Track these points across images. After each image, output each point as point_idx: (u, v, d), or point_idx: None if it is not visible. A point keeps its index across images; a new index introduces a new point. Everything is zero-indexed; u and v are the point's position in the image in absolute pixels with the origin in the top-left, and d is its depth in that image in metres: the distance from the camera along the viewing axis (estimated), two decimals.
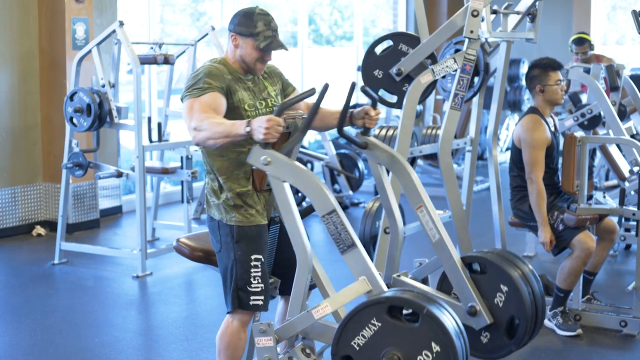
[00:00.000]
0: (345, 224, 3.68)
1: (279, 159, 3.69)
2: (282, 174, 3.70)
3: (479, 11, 5.37)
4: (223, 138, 3.67)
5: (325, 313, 3.71)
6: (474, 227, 7.50)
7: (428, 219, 4.16)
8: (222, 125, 3.67)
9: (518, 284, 4.11)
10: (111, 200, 9.28)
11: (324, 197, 3.67)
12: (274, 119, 3.58)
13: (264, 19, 3.97)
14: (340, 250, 3.71)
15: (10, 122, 8.29)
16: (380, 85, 5.77)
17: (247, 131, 3.60)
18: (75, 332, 5.70)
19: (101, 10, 8.84)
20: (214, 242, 4.05)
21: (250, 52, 3.97)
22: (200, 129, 3.70)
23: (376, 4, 14.88)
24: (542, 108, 5.72)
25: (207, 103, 3.79)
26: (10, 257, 7.74)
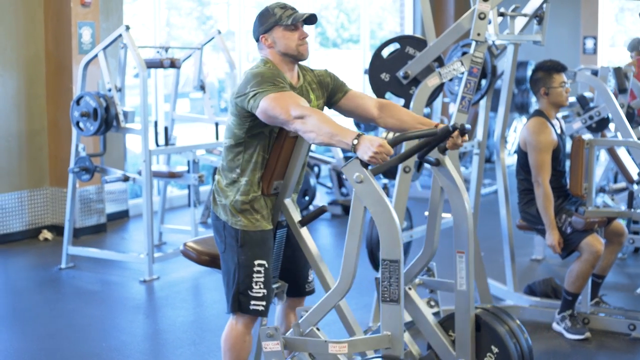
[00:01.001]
0: (400, 278, 3.60)
1: (372, 185, 3.56)
2: (367, 200, 3.59)
3: (486, 14, 5.34)
4: (326, 138, 3.53)
5: (341, 352, 3.70)
6: (482, 230, 7.48)
7: (463, 267, 4.12)
8: (331, 124, 3.53)
9: (508, 346, 4.10)
10: (118, 204, 9.27)
11: (395, 243, 3.57)
12: (386, 146, 3.43)
13: (278, 4, 3.93)
14: (382, 298, 3.65)
15: (17, 127, 8.29)
16: (387, 89, 5.75)
17: (354, 144, 3.46)
18: (82, 336, 5.70)
19: (107, 15, 8.84)
20: (217, 242, 4.03)
21: (284, 38, 3.87)
22: (306, 119, 3.56)
23: (383, 6, 14.87)
24: (548, 110, 5.70)
25: (297, 97, 3.69)
26: (17, 261, 7.73)
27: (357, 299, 6.09)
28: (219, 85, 12.57)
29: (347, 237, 3.69)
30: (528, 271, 7.18)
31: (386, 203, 3.57)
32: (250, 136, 3.88)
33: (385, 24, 14.91)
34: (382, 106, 4.13)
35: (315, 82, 4.08)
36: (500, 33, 5.84)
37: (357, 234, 3.67)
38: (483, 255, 7.23)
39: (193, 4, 12.24)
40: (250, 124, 3.84)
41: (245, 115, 3.83)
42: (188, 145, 7.79)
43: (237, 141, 3.91)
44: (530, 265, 7.43)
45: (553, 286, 6.16)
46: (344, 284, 3.73)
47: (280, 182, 4.05)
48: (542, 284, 6.21)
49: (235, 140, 3.91)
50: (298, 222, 4.13)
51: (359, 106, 4.13)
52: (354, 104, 4.14)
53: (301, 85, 4.00)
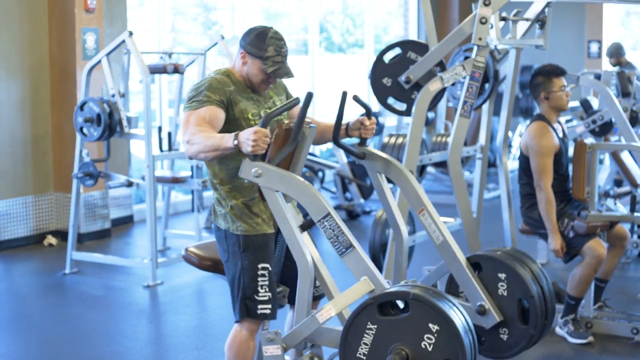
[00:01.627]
0: (342, 226, 3.68)
1: (269, 170, 3.70)
2: (274, 184, 3.70)
3: (487, 18, 5.37)
4: (213, 151, 3.70)
5: (330, 316, 3.69)
6: (486, 234, 7.48)
7: (431, 222, 4.17)
8: (212, 138, 3.69)
9: (514, 266, 4.14)
10: (122, 209, 9.28)
11: (317, 202, 3.68)
12: (261, 130, 3.59)
13: (275, 43, 3.97)
14: (339, 253, 3.73)
15: (22, 132, 8.31)
16: (389, 93, 5.78)
17: (235, 144, 3.61)
18: (85, 341, 5.71)
19: (111, 20, 8.86)
20: (221, 252, 4.06)
21: (257, 73, 3.98)
22: (193, 143, 3.74)
23: (389, 11, 14.88)
24: (549, 115, 5.69)
25: (203, 117, 3.82)
26: (21, 266, 7.75)
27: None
28: None
29: (282, 227, 3.74)
30: None
31: (291, 176, 3.71)
32: None
33: (391, 28, 14.92)
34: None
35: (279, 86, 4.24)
36: (503, 37, 5.85)
37: (286, 220, 3.73)
38: None
39: (198, 9, 12.26)
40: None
41: None
42: None
43: None
44: None
45: (556, 290, 6.15)
46: (304, 267, 3.74)
47: None
48: None
49: None
50: (299, 227, 4.14)
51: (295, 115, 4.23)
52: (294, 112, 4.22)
53: None
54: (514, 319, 4.16)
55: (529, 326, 4.14)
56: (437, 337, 3.43)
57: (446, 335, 3.43)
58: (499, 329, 4.18)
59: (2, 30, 8.06)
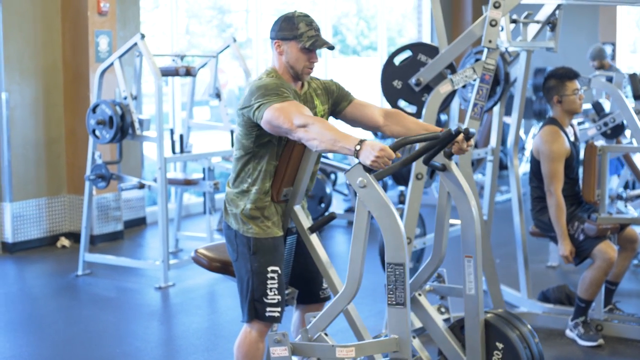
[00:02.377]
0: (406, 282, 3.63)
1: (375, 189, 3.60)
2: (371, 205, 3.63)
3: (498, 21, 5.36)
4: (329, 145, 3.58)
5: (348, 357, 3.72)
6: (498, 237, 7.50)
7: (472, 272, 4.13)
8: (334, 131, 3.58)
9: (513, 340, 4.12)
10: (135, 211, 9.32)
11: (400, 247, 3.61)
12: (388, 151, 3.48)
13: (305, 19, 3.93)
14: (389, 301, 3.68)
15: (35, 135, 8.36)
16: (399, 96, 5.77)
17: (357, 149, 3.51)
18: (97, 342, 5.74)
19: (124, 23, 8.90)
20: (230, 251, 4.07)
21: (296, 55, 3.93)
22: (309, 127, 3.61)
23: (404, 14, 14.88)
24: (561, 118, 5.68)
25: (300, 106, 3.75)
26: (34, 268, 7.80)
27: (370, 305, 6.11)
28: (238, 92, 12.61)
29: (352, 242, 3.72)
30: (543, 278, 7.15)
31: (389, 207, 3.60)
32: (258, 146, 3.92)
33: (405, 31, 14.91)
34: (388, 114, 4.17)
35: (320, 89, 4.12)
36: (513, 40, 5.85)
37: (361, 239, 3.70)
38: (498, 262, 7.25)
39: (213, 12, 12.29)
40: (257, 133, 3.88)
41: (251, 126, 3.87)
42: (203, 152, 7.83)
43: (246, 152, 3.95)
44: (545, 272, 7.42)
45: (567, 293, 6.15)
46: (350, 289, 3.75)
47: (289, 189, 4.08)
48: (556, 290, 6.20)
49: (245, 150, 3.95)
50: (308, 229, 4.16)
51: (364, 115, 4.16)
52: (359, 112, 4.16)
53: (305, 92, 4.04)
54: None
55: None
56: None
57: None
58: None
59: (15, 33, 8.11)
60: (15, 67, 8.14)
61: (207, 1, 11.93)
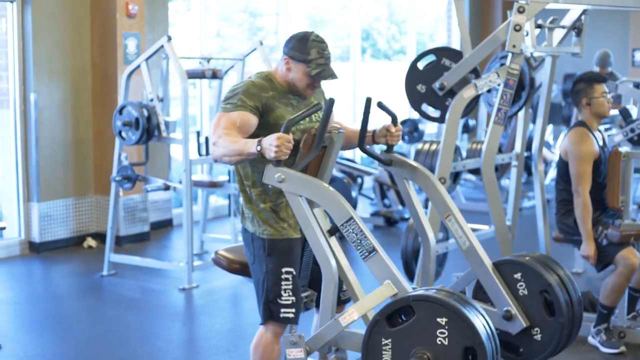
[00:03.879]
0: (365, 230, 3.70)
1: (292, 175, 3.72)
2: (297, 189, 3.73)
3: (522, 25, 5.36)
4: (237, 156, 3.74)
5: (352, 319, 3.71)
6: (523, 243, 7.45)
7: (457, 227, 4.16)
8: (236, 143, 3.73)
9: (527, 263, 4.12)
10: (162, 213, 9.37)
11: (340, 206, 3.70)
12: (283, 136, 3.62)
13: (318, 46, 3.97)
14: (362, 257, 3.74)
15: (63, 136, 8.43)
16: (423, 100, 5.79)
17: (259, 150, 3.65)
18: (119, 342, 5.78)
19: (153, 26, 8.96)
20: (247, 254, 4.10)
21: (301, 77, 3.99)
22: (218, 145, 3.78)
23: (436, 18, 14.86)
24: (590, 122, 5.64)
25: (234, 120, 3.85)
26: (61, 268, 7.86)
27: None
28: None
29: (305, 232, 3.77)
30: None
31: (313, 181, 3.73)
32: None
33: (437, 35, 14.88)
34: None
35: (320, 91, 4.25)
36: (539, 45, 5.84)
37: (311, 225, 3.75)
38: None
39: (244, 15, 12.34)
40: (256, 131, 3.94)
41: None
42: None
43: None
44: None
45: (590, 299, 6.11)
46: (328, 272, 3.77)
47: None
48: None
49: None
50: (327, 232, 4.16)
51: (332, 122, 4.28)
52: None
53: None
54: (540, 314, 4.09)
55: (556, 316, 4.08)
56: (448, 328, 3.44)
57: (456, 324, 3.43)
58: (530, 331, 4.13)
59: (45, 35, 8.18)
60: (44, 69, 8.22)
61: (239, 4, 11.98)
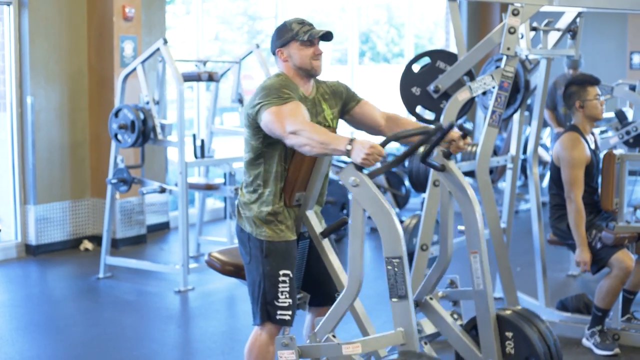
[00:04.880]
0: (406, 274, 3.64)
1: (368, 187, 3.64)
2: (365, 202, 3.66)
3: (516, 28, 5.35)
4: (321, 148, 3.64)
5: (355, 353, 3.73)
6: (519, 245, 7.48)
7: (478, 267, 4.15)
8: (323, 134, 3.64)
9: (520, 325, 4.16)
10: (159, 215, 9.38)
11: (396, 241, 3.63)
12: (377, 147, 3.54)
13: (296, 20, 4.02)
14: (391, 295, 3.69)
15: (60, 139, 8.44)
16: (418, 102, 5.77)
17: (348, 149, 3.56)
18: (114, 345, 5.78)
19: (150, 29, 8.97)
20: (243, 254, 4.10)
21: (299, 53, 3.97)
22: (299, 133, 3.67)
23: (435, 21, 14.87)
24: (583, 125, 5.65)
25: (296, 110, 3.78)
26: (57, 270, 7.87)
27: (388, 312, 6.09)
28: None
29: (350, 241, 3.74)
30: (563, 287, 7.13)
31: (383, 204, 3.63)
32: (267, 146, 3.95)
33: (436, 38, 14.90)
34: (388, 117, 4.26)
35: (328, 93, 4.15)
36: (534, 47, 5.84)
37: (359, 237, 3.72)
38: (519, 270, 7.25)
39: (243, 18, 12.35)
40: (264, 134, 3.91)
41: (256, 127, 3.91)
42: (224, 157, 7.87)
43: (255, 153, 3.98)
44: (565, 280, 7.38)
45: (585, 302, 6.12)
46: (353, 287, 3.77)
47: (302, 194, 4.10)
48: (575, 299, 6.17)
49: (254, 152, 3.99)
50: (320, 234, 4.17)
51: (369, 115, 4.23)
52: (365, 112, 4.23)
53: (314, 97, 4.07)
54: None
55: None
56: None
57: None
58: None
59: (41, 38, 8.19)
60: (41, 72, 8.23)
61: (238, 7, 11.99)
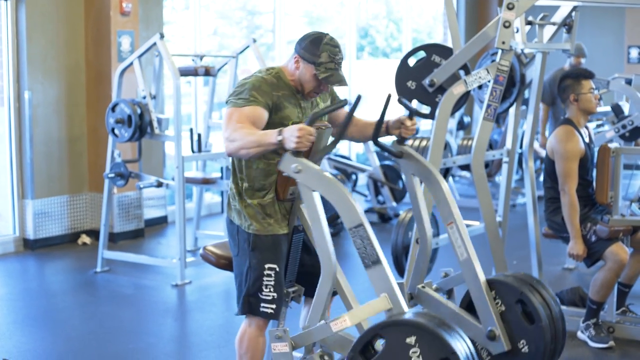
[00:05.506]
0: (372, 238, 3.67)
1: (311, 168, 3.71)
2: (313, 183, 3.72)
3: (511, 22, 5.36)
4: (255, 147, 3.72)
5: (344, 327, 3.75)
6: (516, 239, 7.49)
7: (457, 237, 4.17)
8: (254, 134, 3.72)
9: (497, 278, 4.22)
10: (157, 210, 9.39)
11: (352, 210, 3.68)
12: (306, 128, 3.63)
13: (330, 50, 3.97)
14: (365, 265, 3.71)
15: (58, 134, 8.45)
16: (413, 96, 5.79)
17: (279, 140, 3.65)
18: (110, 338, 5.80)
19: (147, 23, 8.97)
20: (231, 245, 4.13)
21: (309, 78, 3.99)
22: (233, 140, 3.76)
23: (434, 16, 14.87)
24: (577, 118, 5.66)
25: (247, 115, 3.83)
26: (55, 265, 7.89)
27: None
28: None
29: (312, 226, 3.78)
30: (559, 280, 7.15)
31: (330, 179, 3.71)
32: None
33: (435, 33, 14.91)
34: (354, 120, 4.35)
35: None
36: (529, 41, 5.85)
37: (319, 220, 3.75)
38: (515, 264, 7.26)
39: (242, 13, 12.35)
40: None
41: None
42: (221, 152, 7.88)
43: None
44: (562, 274, 7.40)
45: (580, 295, 6.13)
46: (328, 269, 3.79)
47: (295, 188, 4.11)
48: (570, 292, 6.19)
49: None
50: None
51: (339, 116, 4.34)
52: (339, 113, 4.34)
53: None
54: (521, 325, 4.17)
55: (536, 323, 4.13)
56: (419, 346, 3.46)
57: (425, 340, 3.45)
58: (517, 345, 4.18)
59: (38, 33, 8.20)
60: (38, 67, 8.23)
61: (237, 2, 11.99)
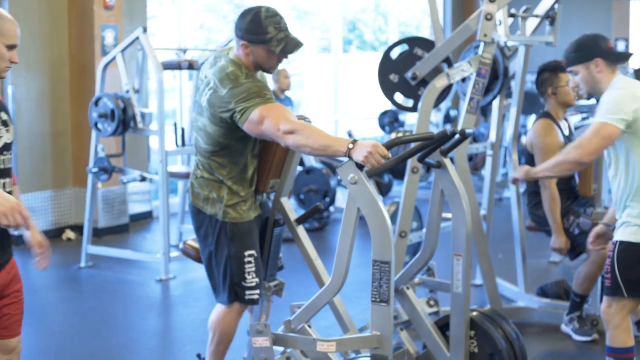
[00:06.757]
0: (391, 280, 3.61)
1: (365, 186, 3.58)
2: (361, 201, 3.60)
3: (493, 15, 5.36)
4: (322, 150, 3.62)
5: (328, 351, 3.74)
6: (501, 232, 7.49)
7: (459, 270, 4.20)
8: (324, 138, 3.61)
9: (480, 322, 4.23)
10: (142, 204, 9.36)
11: (387, 246, 3.59)
12: (381, 148, 3.49)
13: (272, 21, 3.85)
14: (373, 298, 3.66)
15: (41, 128, 8.41)
16: (396, 89, 5.78)
17: (350, 148, 3.50)
18: (93, 333, 5.78)
19: (131, 17, 8.93)
20: (201, 235, 4.09)
21: (265, 57, 3.90)
22: (298, 133, 3.63)
23: (423, 9, 14.87)
24: (555, 111, 5.66)
25: (283, 109, 3.76)
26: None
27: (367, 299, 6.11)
28: None
29: (340, 237, 3.72)
30: (544, 273, 7.16)
31: (378, 205, 3.58)
32: (237, 141, 3.94)
33: (423, 27, 14.91)
34: None
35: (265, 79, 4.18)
36: (512, 34, 5.84)
37: (349, 234, 3.69)
38: (501, 257, 7.27)
39: (230, 6, 12.32)
40: (241, 133, 3.89)
41: (233, 128, 3.87)
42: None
43: (220, 146, 3.97)
44: (547, 267, 7.41)
45: (565, 288, 6.14)
46: (336, 283, 3.77)
47: (276, 181, 4.11)
48: (554, 285, 6.19)
49: (218, 145, 3.97)
50: (294, 221, 4.19)
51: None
52: None
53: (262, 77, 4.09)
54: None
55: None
56: None
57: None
58: None
59: (22, 27, 7.90)
60: (21, 61, 8.09)
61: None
